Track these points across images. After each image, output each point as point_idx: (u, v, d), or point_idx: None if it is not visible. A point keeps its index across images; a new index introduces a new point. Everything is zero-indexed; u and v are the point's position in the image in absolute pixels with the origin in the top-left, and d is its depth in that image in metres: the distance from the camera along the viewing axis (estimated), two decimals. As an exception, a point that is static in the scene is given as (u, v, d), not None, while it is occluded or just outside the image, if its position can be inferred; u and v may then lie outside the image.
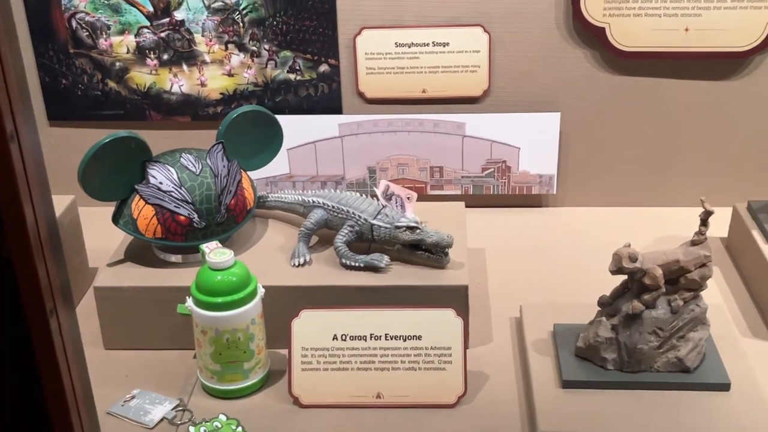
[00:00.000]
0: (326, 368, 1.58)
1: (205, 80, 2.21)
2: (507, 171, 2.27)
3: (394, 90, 2.21)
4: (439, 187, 2.29)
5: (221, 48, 2.17)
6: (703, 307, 1.57)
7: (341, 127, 2.23)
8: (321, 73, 2.20)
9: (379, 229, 1.74)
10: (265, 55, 2.18)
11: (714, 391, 1.53)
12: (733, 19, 2.05)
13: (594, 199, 2.32)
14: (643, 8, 2.06)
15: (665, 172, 2.28)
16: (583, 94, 2.20)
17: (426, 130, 2.23)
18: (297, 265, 1.75)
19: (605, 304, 1.60)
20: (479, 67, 2.18)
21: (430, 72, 2.19)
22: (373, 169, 2.27)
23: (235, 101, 2.22)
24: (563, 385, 1.56)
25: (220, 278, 1.53)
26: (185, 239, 1.73)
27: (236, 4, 2.12)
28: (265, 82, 2.20)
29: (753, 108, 2.18)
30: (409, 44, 2.16)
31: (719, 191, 2.20)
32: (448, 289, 1.70)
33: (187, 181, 1.71)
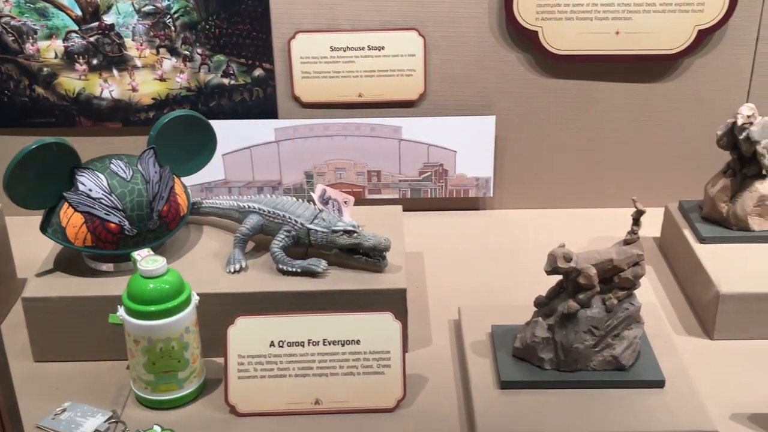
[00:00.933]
0: (263, 375, 1.56)
1: (136, 85, 2.16)
2: (444, 174, 2.27)
3: (330, 94, 2.20)
4: (376, 191, 2.29)
5: (152, 52, 2.13)
6: (636, 306, 1.59)
7: (277, 132, 2.21)
8: (255, 78, 2.17)
9: (316, 233, 1.72)
10: (198, 60, 2.15)
11: (649, 389, 1.55)
12: (662, 23, 2.09)
13: (530, 201, 2.34)
14: (574, 12, 2.09)
15: (599, 174, 2.31)
16: (517, 97, 2.22)
17: (363, 134, 2.22)
18: (233, 272, 1.73)
19: (541, 305, 1.62)
20: (415, 71, 2.18)
21: (366, 76, 2.18)
22: (310, 174, 2.26)
23: (168, 106, 2.18)
24: (501, 386, 1.56)
25: (152, 286, 1.49)
26: (116, 247, 1.69)
27: (167, 7, 2.08)
28: (198, 86, 2.17)
29: (683, 109, 2.23)
30: (344, 48, 2.15)
31: (652, 192, 2.24)
32: (387, 293, 1.69)
33: (118, 187, 1.67)
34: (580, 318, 1.55)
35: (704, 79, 2.19)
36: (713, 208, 1.95)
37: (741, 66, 2.18)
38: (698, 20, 2.09)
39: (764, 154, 1.86)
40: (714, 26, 2.09)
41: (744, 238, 1.92)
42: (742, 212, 1.91)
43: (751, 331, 1.77)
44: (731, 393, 1.62)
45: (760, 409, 1.57)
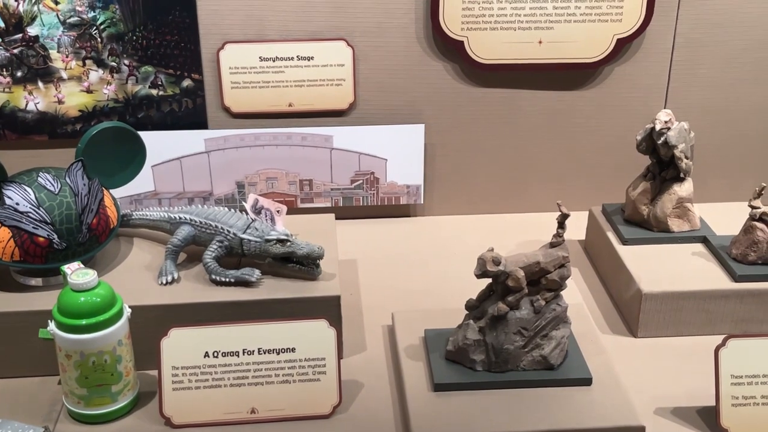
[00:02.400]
0: (198, 386, 1.55)
1: (62, 97, 2.14)
2: (375, 182, 2.30)
3: (260, 104, 2.21)
4: (309, 200, 2.30)
5: (79, 64, 2.11)
6: (563, 306, 1.64)
7: (207, 142, 2.20)
8: (184, 88, 2.17)
9: (249, 243, 1.73)
10: (126, 71, 2.13)
11: (577, 386, 1.60)
12: (582, 32, 2.16)
13: (460, 207, 2.39)
14: (498, 22, 2.14)
15: (525, 179, 2.37)
16: (445, 105, 2.26)
17: (294, 143, 2.24)
18: (165, 283, 1.72)
19: (472, 308, 1.65)
20: (344, 81, 2.20)
21: (295, 86, 2.20)
22: (241, 184, 2.26)
23: (95, 118, 2.16)
24: (435, 389, 1.59)
25: (83, 299, 1.48)
26: (45, 261, 1.67)
27: (93, 19, 2.06)
28: (126, 98, 2.16)
29: (604, 115, 2.30)
30: (273, 58, 2.17)
31: (576, 196, 2.31)
32: (321, 300, 1.70)
33: (46, 201, 1.65)
34: (509, 319, 1.59)
35: (624, 85, 2.26)
36: (635, 211, 2.02)
37: (658, 73, 2.26)
38: (617, 29, 2.16)
39: (681, 157, 1.94)
40: (632, 35, 2.17)
41: (665, 239, 1.99)
42: (662, 214, 1.98)
43: (673, 328, 1.84)
44: (655, 388, 1.68)
45: (683, 403, 1.63)
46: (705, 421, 1.58)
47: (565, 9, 2.13)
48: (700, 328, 1.84)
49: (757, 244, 1.83)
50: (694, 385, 1.66)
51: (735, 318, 1.83)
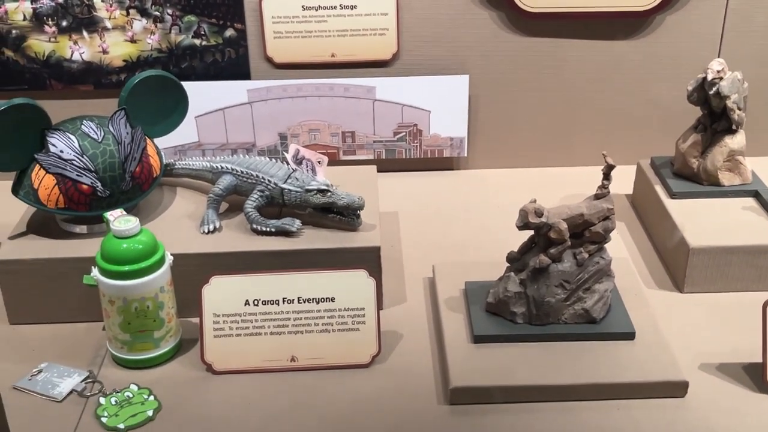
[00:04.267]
0: (239, 334, 1.57)
1: (106, 47, 2.14)
2: (418, 134, 2.28)
3: (302, 54, 2.19)
4: (351, 152, 2.29)
5: (122, 14, 2.11)
6: (607, 260, 1.61)
7: (250, 93, 2.20)
8: (227, 38, 2.16)
9: (290, 193, 1.73)
10: (169, 20, 2.12)
11: (620, 341, 1.58)
12: (633, -20, 2.10)
13: (504, 160, 2.35)
14: (547, -31, 2.09)
15: (571, 132, 2.32)
16: (490, 56, 2.22)
17: (336, 94, 2.22)
18: (206, 232, 1.73)
19: (513, 260, 1.63)
20: (387, 30, 2.17)
21: (338, 35, 2.17)
22: (284, 135, 2.25)
23: (139, 68, 2.16)
24: (474, 341, 1.58)
25: (125, 246, 1.49)
26: (89, 208, 1.69)
27: (136, -33, 2.06)
28: (169, 48, 2.15)
29: (652, 67, 2.23)
30: (316, 7, 2.14)
31: (624, 149, 2.25)
32: (361, 251, 1.70)
33: (89, 148, 1.66)
34: (551, 272, 1.57)
35: (676, 35, 2.19)
36: (684, 164, 1.97)
37: (712, 22, 2.18)
38: (670, -24, 2.10)
39: (734, 108, 1.88)
40: (685, -18, 2.10)
41: (714, 192, 1.94)
42: (712, 167, 1.93)
43: (720, 284, 1.80)
44: (700, 344, 1.65)
45: (728, 359, 1.60)
46: (751, 377, 1.55)
47: (616, -45, 2.07)
48: (749, 284, 1.79)
49: (811, 198, 1.78)
50: (741, 342, 1.62)
51: (785, 274, 1.78)
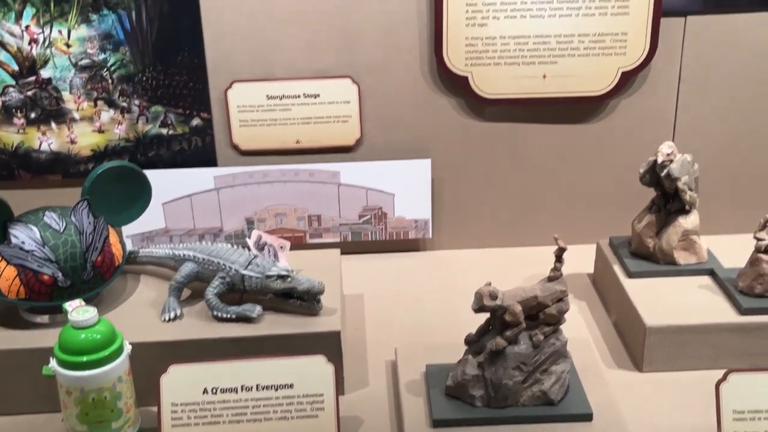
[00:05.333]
0: (197, 423, 1.56)
1: (75, 137, 2.19)
2: (383, 217, 2.31)
3: (268, 141, 2.24)
4: (318, 236, 2.32)
5: (90, 105, 2.16)
6: (563, 341, 1.63)
7: (217, 180, 2.24)
8: (194, 127, 2.21)
9: (251, 279, 1.75)
10: (136, 111, 2.18)
11: (577, 422, 1.59)
12: (586, 66, 2.17)
13: (468, 241, 2.39)
14: (502, 57, 2.16)
15: (533, 213, 2.37)
16: (451, 140, 2.28)
17: (302, 179, 2.26)
18: (168, 320, 1.74)
19: (471, 342, 1.65)
20: (351, 117, 2.23)
21: (303, 123, 2.23)
22: (251, 220, 2.28)
23: (107, 157, 2.20)
24: (434, 425, 1.58)
25: (83, 336, 1.50)
26: (51, 299, 1.70)
27: (104, 60, 2.12)
28: (136, 137, 2.20)
29: (611, 148, 2.30)
30: (280, 96, 2.20)
31: (585, 228, 2.30)
32: (321, 336, 1.71)
33: (51, 239, 1.68)
34: (508, 354, 1.59)
35: (630, 118, 2.26)
36: (641, 244, 2.01)
37: (665, 105, 2.26)
38: (621, 62, 2.17)
39: (685, 190, 1.93)
40: (637, 68, 2.17)
41: (671, 271, 1.97)
42: (668, 247, 1.97)
43: (678, 363, 1.81)
44: (659, 423, 1.66)
45: (687, 439, 1.61)
46: (708, 457, 1.56)
47: (568, 43, 2.14)
48: (707, 362, 1.81)
49: (763, 276, 1.81)
50: (699, 421, 1.63)
51: (741, 352, 1.80)
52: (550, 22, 2.12)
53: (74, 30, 2.09)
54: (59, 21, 2.07)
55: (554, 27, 2.13)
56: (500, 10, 2.10)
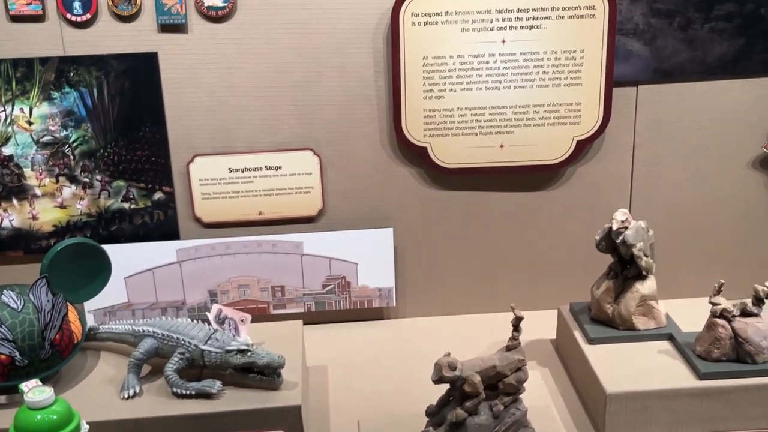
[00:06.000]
0: (156, 503, 1.55)
1: (36, 213, 2.19)
2: (347, 286, 2.32)
3: (230, 213, 2.26)
4: (281, 306, 2.32)
5: (52, 181, 2.17)
6: (523, 410, 1.64)
7: (179, 253, 2.24)
8: (156, 201, 2.22)
9: (210, 354, 1.74)
10: (98, 186, 2.19)
11: (540, 492, 1.59)
12: (542, 135, 2.22)
13: (432, 308, 2.40)
14: (460, 128, 2.20)
15: (495, 279, 2.39)
16: (412, 209, 2.31)
17: (265, 250, 2.27)
18: (127, 397, 1.73)
19: (432, 414, 1.65)
20: (312, 188, 2.25)
21: (265, 195, 2.25)
22: (214, 293, 2.28)
23: (69, 233, 2.20)
24: (395, 499, 1.58)
25: (39, 417, 1.48)
26: (8, 379, 1.68)
27: (66, 137, 2.13)
28: (98, 212, 2.21)
29: (567, 215, 2.33)
30: (242, 169, 2.22)
31: (546, 294, 2.32)
32: (282, 411, 1.70)
33: (8, 318, 1.67)
34: (468, 426, 1.59)
35: (587, 185, 2.31)
36: (600, 310, 2.03)
37: (621, 171, 2.30)
38: (576, 131, 2.22)
39: (641, 256, 1.96)
40: (591, 136, 2.22)
41: (630, 337, 1.99)
42: (626, 313, 1.99)
43: (640, 429, 1.82)
44: (621, 491, 1.66)
45: (648, 506, 1.61)
46: None
47: (524, 114, 2.19)
48: (668, 427, 1.82)
49: (719, 340, 1.84)
50: (660, 488, 1.64)
51: (701, 416, 1.81)
52: (505, 93, 2.17)
53: (36, 107, 2.11)
54: (21, 99, 2.09)
55: (510, 98, 2.18)
56: (456, 83, 2.16)
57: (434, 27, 2.11)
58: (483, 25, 2.11)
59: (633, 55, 2.18)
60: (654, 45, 2.17)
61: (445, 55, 2.14)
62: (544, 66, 2.15)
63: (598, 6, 2.10)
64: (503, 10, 2.10)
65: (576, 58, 2.15)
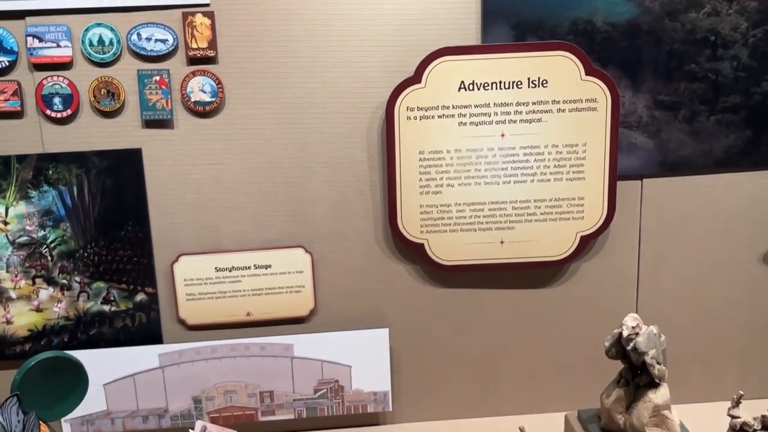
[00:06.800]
0: None
1: (11, 317, 2.07)
2: (340, 390, 2.19)
3: (216, 315, 2.14)
4: (270, 413, 2.18)
5: (28, 283, 2.05)
6: None
7: (162, 357, 2.11)
8: (138, 303, 2.10)
9: (193, 480, 1.61)
10: (77, 288, 2.07)
11: None
12: (544, 231, 2.12)
13: (431, 413, 2.27)
14: (458, 224, 2.10)
15: (497, 381, 2.26)
16: (409, 308, 2.19)
17: (253, 354, 2.15)
18: None
19: None
20: (304, 287, 2.14)
21: (253, 294, 2.14)
22: (198, 399, 2.15)
23: (45, 337, 2.08)
24: None
25: None
26: None
27: (43, 237, 2.02)
28: (77, 315, 2.08)
29: (572, 314, 2.22)
30: (230, 268, 2.11)
31: (551, 397, 2.20)
32: None
33: (-27, 444, 1.54)
34: None
35: (592, 282, 2.20)
36: (610, 419, 1.91)
37: (627, 267, 2.20)
38: (580, 227, 2.12)
39: (653, 364, 1.84)
40: (595, 232, 2.13)
41: (644, 449, 1.87)
42: (638, 423, 1.87)
43: None
44: None
45: None
46: None
47: (525, 209, 2.10)
48: None
49: (740, 456, 1.72)
50: None
51: None
52: (505, 188, 2.08)
53: (12, 207, 2.00)
54: (-4, 198, 2.00)
55: (510, 193, 2.09)
56: (454, 177, 2.07)
57: (430, 121, 2.03)
58: (481, 119, 2.03)
59: (637, 147, 2.11)
60: (659, 138, 2.10)
61: (442, 149, 2.05)
62: (545, 160, 2.07)
63: (600, 99, 2.03)
64: (502, 104, 2.02)
65: (578, 151, 2.07)
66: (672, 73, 2.07)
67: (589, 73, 2.02)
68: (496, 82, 2.02)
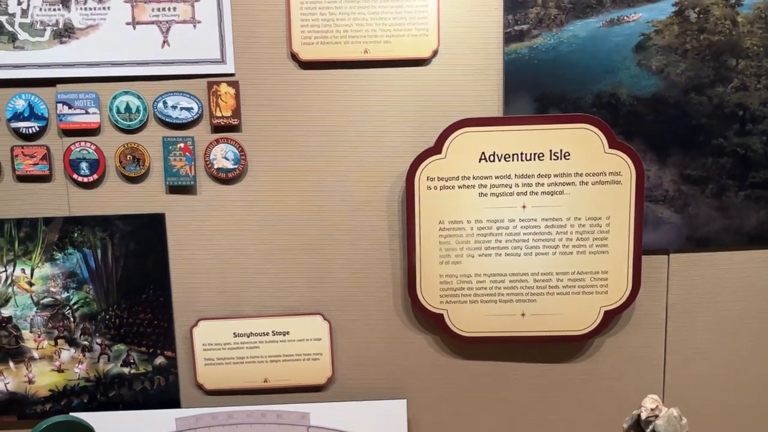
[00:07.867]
0: None
1: (32, 377, 2.10)
2: (357, 461, 2.16)
3: (234, 380, 2.13)
4: (286, 481, 2.16)
5: (50, 343, 2.08)
6: None
7: (178, 422, 2.11)
8: (157, 366, 2.11)
9: None
10: (98, 349, 2.09)
11: None
12: (567, 304, 2.08)
13: (449, 487, 2.22)
14: (478, 295, 2.08)
15: (518, 457, 2.21)
16: (428, 379, 2.16)
17: (269, 421, 2.13)
18: None
19: None
20: (321, 355, 2.13)
21: (271, 361, 2.13)
22: (214, 465, 2.14)
23: (65, 398, 2.10)
24: None
25: None
26: None
27: (66, 299, 2.06)
28: (97, 376, 2.10)
29: (595, 390, 2.16)
30: (248, 334, 2.11)
31: (574, 477, 2.14)
32: None
33: None
34: None
35: (616, 359, 2.14)
36: (629, 505, 1.84)
37: (653, 344, 2.14)
38: (603, 301, 2.07)
39: (673, 448, 1.78)
40: (620, 307, 2.07)
41: None
42: None
43: None
44: None
45: None
46: None
47: (546, 281, 2.06)
48: None
49: None
50: None
51: None
52: (526, 260, 2.05)
53: (38, 268, 2.05)
54: (23, 259, 2.04)
55: (531, 265, 2.06)
56: (474, 248, 2.05)
57: (451, 191, 2.02)
58: (502, 190, 2.02)
59: (663, 222, 2.06)
60: (686, 212, 2.05)
61: (463, 219, 2.04)
62: (567, 233, 2.04)
63: (624, 172, 2.00)
64: (523, 176, 2.01)
65: (602, 225, 2.03)
66: (699, 148, 2.03)
67: (613, 146, 2.00)
68: (518, 153, 2.01)
